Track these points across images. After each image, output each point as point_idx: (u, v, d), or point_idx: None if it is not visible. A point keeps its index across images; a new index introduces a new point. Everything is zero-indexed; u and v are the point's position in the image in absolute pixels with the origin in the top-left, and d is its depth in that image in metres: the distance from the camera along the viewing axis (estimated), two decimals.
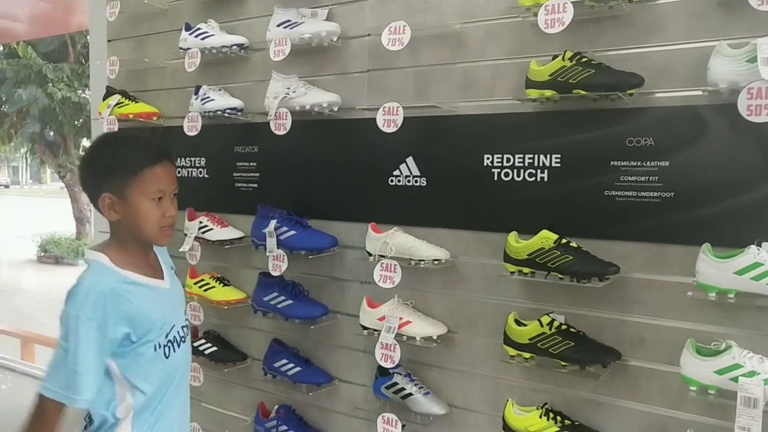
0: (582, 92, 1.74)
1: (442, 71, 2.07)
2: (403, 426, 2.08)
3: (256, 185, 2.53)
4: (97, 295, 1.39)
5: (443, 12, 2.05)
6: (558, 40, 1.79)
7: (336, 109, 2.22)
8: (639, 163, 1.76)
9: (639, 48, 1.74)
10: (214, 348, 2.54)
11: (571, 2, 1.69)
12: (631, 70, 1.70)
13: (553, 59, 1.81)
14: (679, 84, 1.69)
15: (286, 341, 2.42)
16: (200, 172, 2.69)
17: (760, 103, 1.49)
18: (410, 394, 2.07)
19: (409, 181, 2.15)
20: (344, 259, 2.32)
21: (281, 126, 2.23)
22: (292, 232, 2.27)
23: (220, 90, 2.50)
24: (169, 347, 1.53)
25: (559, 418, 1.84)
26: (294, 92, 2.23)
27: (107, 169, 1.48)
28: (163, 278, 1.60)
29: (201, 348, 2.53)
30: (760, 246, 1.56)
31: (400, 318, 2.05)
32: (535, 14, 1.78)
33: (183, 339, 1.60)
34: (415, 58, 2.11)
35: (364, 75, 2.23)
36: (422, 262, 2.02)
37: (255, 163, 2.52)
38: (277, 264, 2.27)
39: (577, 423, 1.84)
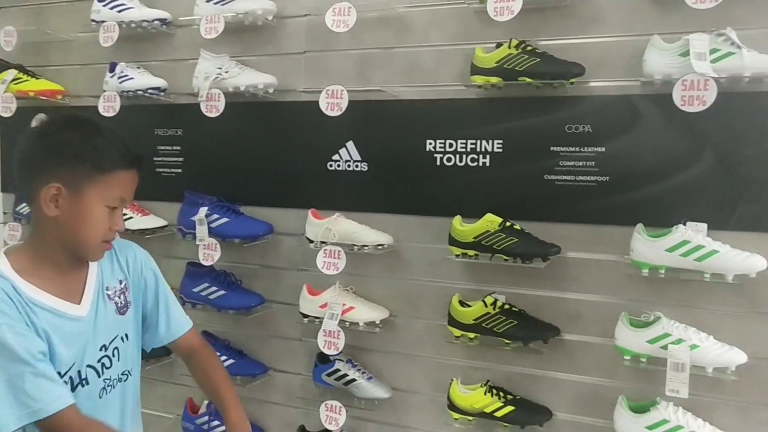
0: (528, 80, 1.80)
1: (385, 55, 2.06)
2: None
3: (180, 170, 2.39)
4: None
5: None
6: (501, 29, 1.85)
7: (272, 91, 2.15)
8: (577, 149, 1.86)
9: (579, 39, 1.84)
10: None
11: None
12: (572, 59, 1.79)
13: (497, 47, 1.86)
14: (616, 74, 1.80)
15: (215, 333, 2.32)
16: None
17: (693, 95, 1.62)
18: (353, 380, 2.06)
19: (349, 166, 2.13)
20: (279, 247, 2.25)
21: (213, 108, 2.12)
22: (225, 220, 2.17)
23: (138, 68, 2.33)
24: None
25: (502, 393, 1.91)
26: (227, 72, 2.13)
27: (72, 157, 1.23)
28: (79, 302, 1.32)
29: None
30: (686, 225, 1.71)
31: (343, 304, 2.03)
32: (482, 2, 1.83)
33: (84, 382, 1.31)
34: (356, 41, 2.08)
35: (301, 56, 2.17)
36: (365, 248, 2.01)
37: (179, 147, 2.38)
38: (209, 253, 2.16)
39: (518, 397, 1.92)
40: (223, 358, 2.22)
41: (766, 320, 1.70)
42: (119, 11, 2.28)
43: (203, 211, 2.16)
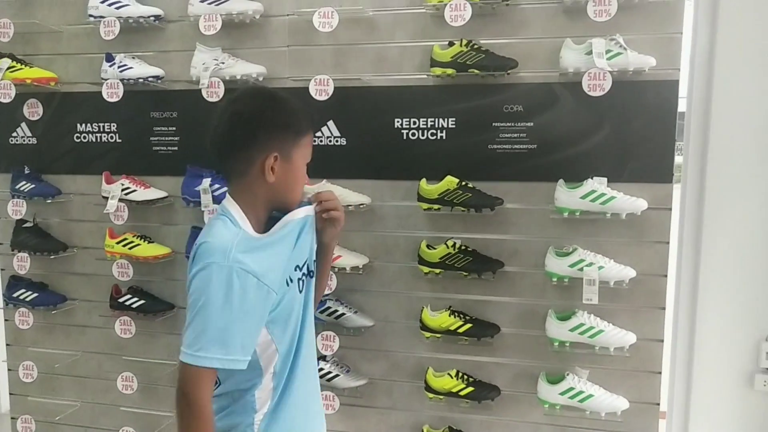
0: (476, 71, 2.34)
1: (358, 50, 2.53)
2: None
3: (175, 148, 2.74)
4: (231, 247, 1.31)
5: (356, 1, 2.50)
6: (452, 30, 2.36)
7: (261, 79, 2.56)
8: (512, 124, 2.43)
9: (512, 39, 2.38)
10: (142, 301, 2.73)
11: (468, 2, 2.27)
12: (507, 55, 2.34)
13: (450, 45, 2.38)
14: (540, 67, 2.37)
15: None
16: (111, 137, 2.80)
17: (596, 83, 2.22)
18: (343, 314, 2.55)
19: (330, 141, 2.59)
20: None
21: (214, 93, 2.51)
22: (226, 189, 2.56)
23: (134, 58, 2.65)
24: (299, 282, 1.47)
25: (461, 315, 2.48)
26: (223, 63, 2.52)
27: (282, 127, 1.39)
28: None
29: (128, 303, 2.71)
30: (593, 179, 2.32)
31: None
32: (438, 9, 2.33)
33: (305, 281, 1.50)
34: (333, 37, 2.52)
35: (285, 50, 2.59)
36: (350, 207, 2.49)
37: (174, 128, 2.73)
38: None
39: (474, 317, 2.49)
40: None
41: (649, 246, 2.36)
42: (117, 8, 2.59)
43: (207, 181, 2.55)
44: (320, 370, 2.58)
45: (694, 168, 2.47)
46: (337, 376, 2.56)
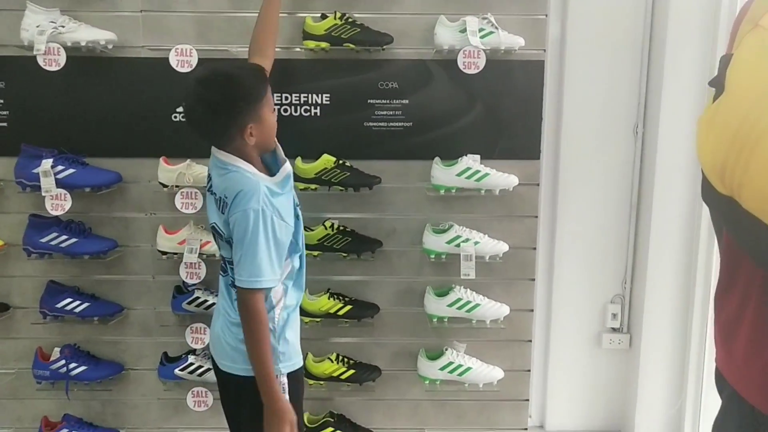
0: (351, 45, 2.26)
1: (223, 19, 2.33)
2: None
3: (5, 124, 2.36)
4: (264, 192, 1.61)
5: None
6: (323, 1, 2.26)
7: (111, 47, 2.27)
8: (388, 101, 2.39)
9: (385, 14, 2.33)
10: None
11: None
12: (382, 30, 2.29)
13: (322, 18, 2.27)
14: (415, 44, 2.34)
15: (62, 282, 2.40)
16: None
17: (470, 61, 2.25)
18: (213, 304, 2.37)
19: None
20: (125, 195, 2.41)
21: (53, 62, 2.18)
22: (71, 170, 2.26)
23: None
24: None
25: (341, 297, 2.41)
26: (63, 27, 2.19)
27: (252, 101, 1.61)
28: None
29: None
30: (467, 156, 2.36)
31: (201, 239, 2.32)
32: None
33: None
34: (193, 4, 2.30)
35: (138, 15, 2.31)
36: None
37: (2, 101, 2.35)
38: (58, 203, 2.24)
39: (354, 299, 2.43)
40: (76, 303, 2.35)
41: (519, 221, 2.46)
42: None
43: (47, 162, 2.22)
44: (189, 365, 2.40)
45: (549, 145, 2.61)
46: (208, 370, 2.39)
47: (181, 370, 2.39)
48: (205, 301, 2.36)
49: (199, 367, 2.39)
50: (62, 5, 2.27)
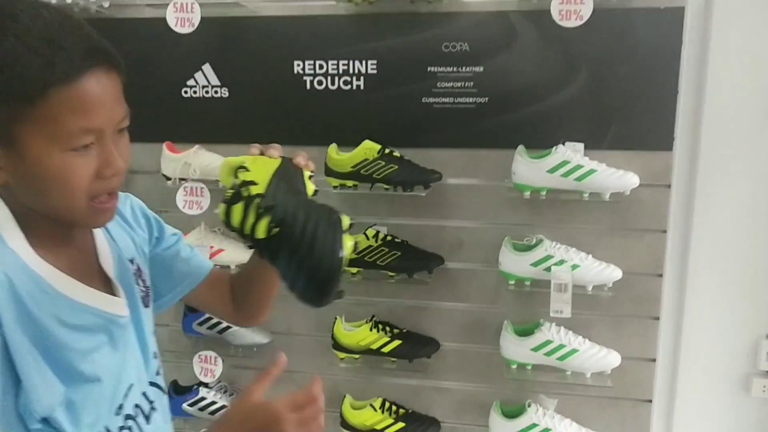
0: None
1: None
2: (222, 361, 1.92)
3: None
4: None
5: None
6: None
7: (107, 5, 1.82)
8: (455, 69, 1.76)
9: None
10: None
11: None
12: None
13: None
14: None
15: None
16: None
17: (570, 9, 1.56)
18: (228, 327, 1.90)
19: (207, 92, 1.88)
20: (130, 188, 1.98)
21: None
22: None
23: None
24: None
25: (388, 328, 1.85)
26: None
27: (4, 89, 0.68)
28: (115, 294, 0.86)
29: None
30: (565, 145, 1.69)
31: (211, 247, 1.84)
32: None
33: (152, 409, 0.93)
34: None
35: None
36: None
37: None
38: None
39: (405, 330, 1.86)
40: None
41: (638, 236, 1.75)
42: None
43: None
44: (201, 399, 1.95)
45: (685, 132, 1.81)
46: (223, 407, 1.93)
47: (191, 405, 1.95)
48: (219, 323, 1.90)
49: (212, 403, 1.93)
50: None
